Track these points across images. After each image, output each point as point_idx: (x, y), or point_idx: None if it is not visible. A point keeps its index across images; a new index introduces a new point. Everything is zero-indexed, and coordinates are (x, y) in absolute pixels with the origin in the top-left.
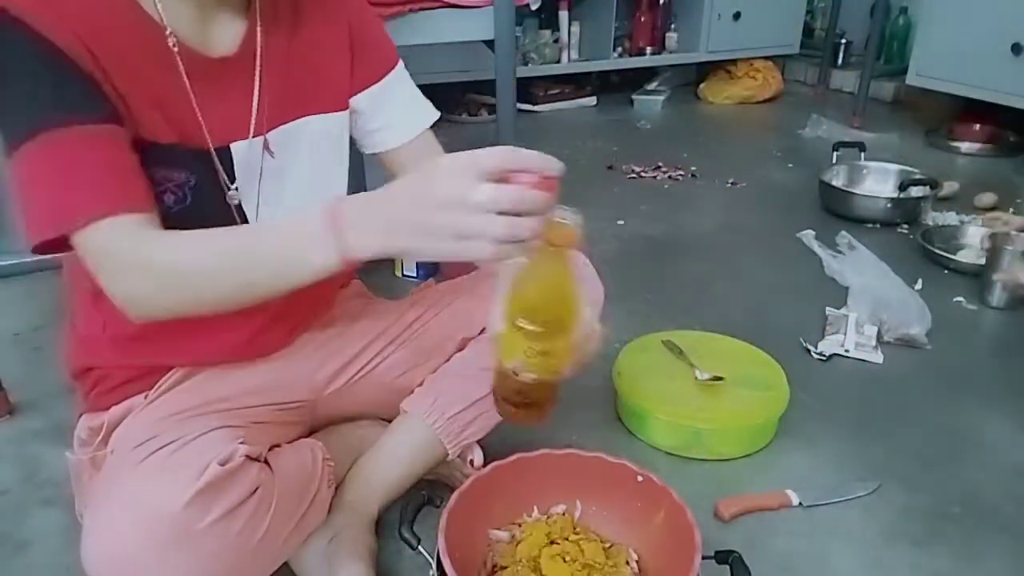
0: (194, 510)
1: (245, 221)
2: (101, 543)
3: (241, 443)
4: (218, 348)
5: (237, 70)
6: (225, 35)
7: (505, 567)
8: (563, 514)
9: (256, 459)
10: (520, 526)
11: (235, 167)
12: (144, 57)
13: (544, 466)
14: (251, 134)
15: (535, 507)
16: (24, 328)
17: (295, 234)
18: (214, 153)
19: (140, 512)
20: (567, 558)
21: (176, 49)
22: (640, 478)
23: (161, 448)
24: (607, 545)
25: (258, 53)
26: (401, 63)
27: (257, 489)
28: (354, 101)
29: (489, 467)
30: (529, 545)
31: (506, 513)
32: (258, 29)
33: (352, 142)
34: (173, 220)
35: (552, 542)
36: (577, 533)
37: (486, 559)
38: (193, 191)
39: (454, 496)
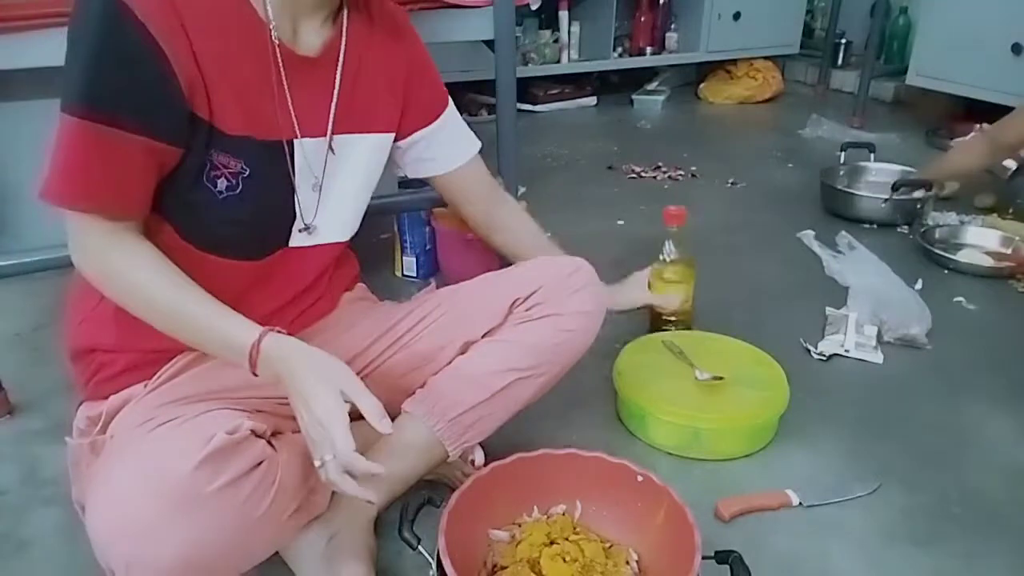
0: (203, 474)
1: (293, 212)
2: (108, 508)
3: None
4: None
5: (321, 71)
6: (313, 38)
7: (505, 567)
8: (563, 514)
9: (261, 436)
10: (520, 526)
11: (295, 162)
12: (243, 48)
13: (544, 466)
14: (328, 132)
15: (535, 507)
16: (24, 328)
17: (224, 340)
18: (285, 145)
19: (148, 476)
20: (567, 558)
21: (277, 43)
22: (640, 478)
23: (165, 423)
24: (607, 545)
25: (340, 59)
26: (451, 100)
27: (262, 462)
28: (412, 136)
29: (489, 467)
30: (529, 545)
31: (506, 513)
32: (343, 35)
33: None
34: (221, 204)
35: (552, 542)
36: (577, 533)
37: (486, 559)
38: (246, 180)
39: (454, 496)
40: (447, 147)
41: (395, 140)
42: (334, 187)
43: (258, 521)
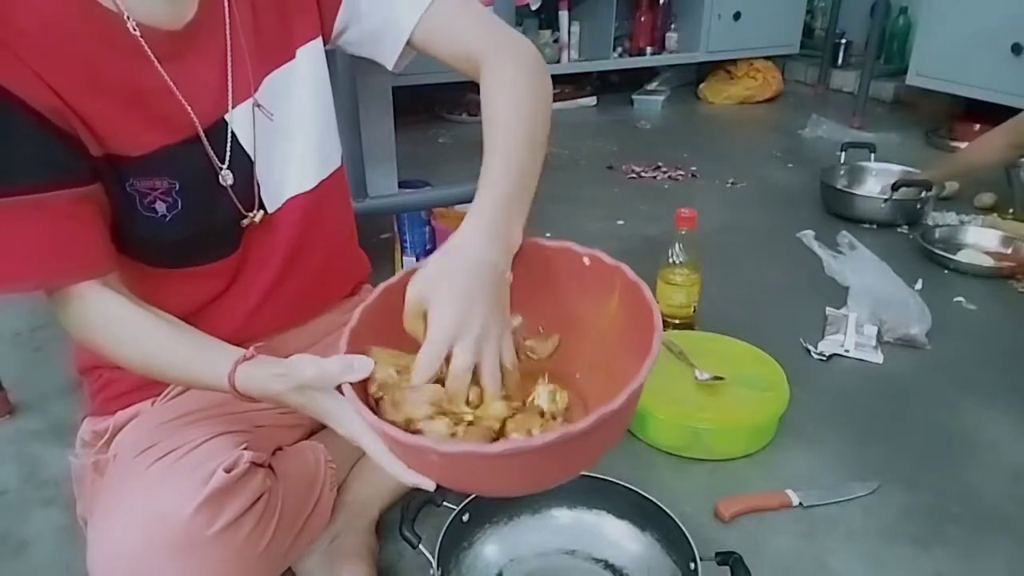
0: (201, 518)
1: (240, 205)
2: (107, 552)
3: (245, 448)
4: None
5: (206, 34)
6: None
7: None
8: None
9: (261, 465)
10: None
11: (239, 139)
12: (108, 56)
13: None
14: (233, 101)
15: None
16: (24, 328)
17: (210, 381)
18: (203, 135)
19: (147, 520)
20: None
21: (138, 32)
22: (587, 260)
23: (165, 455)
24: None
25: (225, 6)
26: None
27: (263, 495)
28: (339, 20)
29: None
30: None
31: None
32: None
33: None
34: (169, 226)
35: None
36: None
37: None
38: (182, 194)
39: (357, 311)
40: (385, 6)
41: (331, 39)
42: (289, 137)
43: (261, 555)
